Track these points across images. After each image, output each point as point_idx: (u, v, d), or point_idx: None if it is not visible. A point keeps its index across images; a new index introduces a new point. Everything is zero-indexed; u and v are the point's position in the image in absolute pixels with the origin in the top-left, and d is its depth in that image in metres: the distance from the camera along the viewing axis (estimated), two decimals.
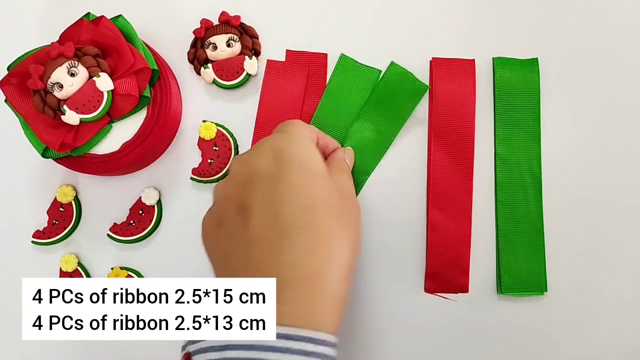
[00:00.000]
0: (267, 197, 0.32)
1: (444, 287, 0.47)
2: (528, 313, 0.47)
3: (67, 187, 0.49)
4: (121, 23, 0.46)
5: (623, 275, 0.47)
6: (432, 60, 0.49)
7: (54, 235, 0.48)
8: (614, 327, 0.47)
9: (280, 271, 0.30)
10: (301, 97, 0.49)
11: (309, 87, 0.49)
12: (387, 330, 0.47)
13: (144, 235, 0.48)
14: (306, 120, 0.48)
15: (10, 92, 0.44)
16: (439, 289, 0.47)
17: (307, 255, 0.30)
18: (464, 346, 0.47)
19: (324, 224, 0.32)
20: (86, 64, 0.44)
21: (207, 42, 0.49)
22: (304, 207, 0.32)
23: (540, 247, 0.47)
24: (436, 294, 0.47)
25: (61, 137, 0.44)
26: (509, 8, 0.50)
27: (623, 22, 0.50)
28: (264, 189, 0.33)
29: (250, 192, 0.33)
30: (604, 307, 0.47)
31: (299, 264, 0.30)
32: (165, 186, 0.49)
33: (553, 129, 0.48)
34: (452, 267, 0.47)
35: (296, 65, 0.49)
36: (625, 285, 0.47)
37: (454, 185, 0.47)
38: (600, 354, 0.47)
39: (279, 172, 0.33)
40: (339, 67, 0.49)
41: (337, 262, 0.32)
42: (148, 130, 0.46)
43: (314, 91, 0.49)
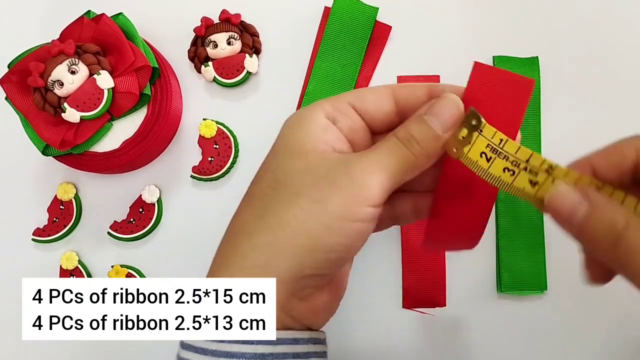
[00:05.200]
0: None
1: (421, 302, 0.47)
2: (528, 312, 0.47)
3: (67, 185, 0.49)
4: (122, 21, 0.46)
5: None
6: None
7: (54, 233, 0.48)
8: (613, 326, 0.47)
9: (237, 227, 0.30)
10: None
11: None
12: (388, 329, 0.47)
13: (144, 233, 0.48)
14: None
15: (11, 89, 0.44)
16: (416, 305, 0.47)
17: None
18: (463, 345, 0.47)
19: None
20: (87, 62, 0.44)
21: (208, 40, 0.49)
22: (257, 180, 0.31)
23: (541, 246, 0.47)
24: (414, 309, 0.47)
25: (61, 135, 0.44)
26: (510, 7, 0.50)
27: (623, 21, 0.49)
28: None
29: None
30: (603, 306, 0.47)
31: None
32: (166, 184, 0.49)
33: (553, 128, 0.48)
34: (428, 283, 0.47)
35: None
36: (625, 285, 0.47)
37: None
38: (600, 353, 0.47)
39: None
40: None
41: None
42: (148, 128, 0.46)
43: None
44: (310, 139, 0.30)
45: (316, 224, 0.28)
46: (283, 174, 0.30)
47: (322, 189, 0.28)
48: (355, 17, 0.49)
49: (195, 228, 0.49)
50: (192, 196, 0.49)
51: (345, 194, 0.28)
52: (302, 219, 0.28)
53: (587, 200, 0.27)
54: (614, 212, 0.26)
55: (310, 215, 0.28)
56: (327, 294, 0.32)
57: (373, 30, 0.49)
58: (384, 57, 0.50)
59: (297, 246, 0.28)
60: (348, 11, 0.49)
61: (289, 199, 0.29)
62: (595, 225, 0.26)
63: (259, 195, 0.30)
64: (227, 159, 0.48)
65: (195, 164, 0.48)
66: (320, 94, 0.49)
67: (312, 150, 0.29)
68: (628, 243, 0.26)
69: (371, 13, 0.49)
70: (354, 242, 0.29)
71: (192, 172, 0.48)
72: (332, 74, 0.49)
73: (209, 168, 0.48)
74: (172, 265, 0.49)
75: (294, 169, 0.29)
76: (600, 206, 0.27)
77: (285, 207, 0.29)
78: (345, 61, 0.49)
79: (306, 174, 0.29)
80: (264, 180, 0.30)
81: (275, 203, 0.29)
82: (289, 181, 0.29)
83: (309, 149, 0.29)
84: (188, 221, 0.49)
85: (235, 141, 0.49)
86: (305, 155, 0.29)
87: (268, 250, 0.28)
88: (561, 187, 0.27)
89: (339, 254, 0.29)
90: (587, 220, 0.26)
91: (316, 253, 0.28)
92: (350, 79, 0.49)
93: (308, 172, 0.29)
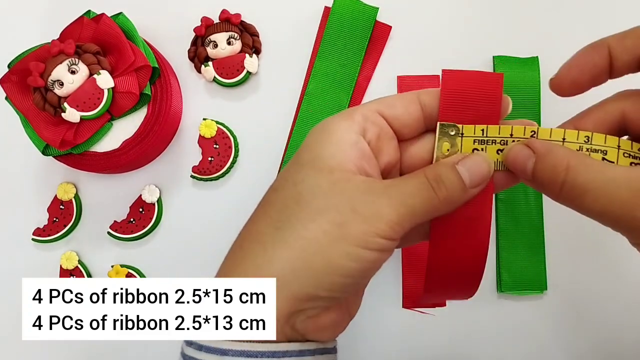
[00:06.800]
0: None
1: (421, 302, 0.47)
2: (527, 312, 0.47)
3: (67, 185, 0.49)
4: (122, 21, 0.46)
5: (623, 275, 0.47)
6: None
7: (54, 232, 0.49)
8: (613, 326, 0.47)
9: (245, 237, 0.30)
10: None
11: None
12: (388, 329, 0.47)
13: (144, 233, 0.48)
14: None
15: (11, 89, 0.44)
16: (416, 305, 0.47)
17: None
18: (463, 345, 0.47)
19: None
20: (87, 62, 0.44)
21: (208, 40, 0.49)
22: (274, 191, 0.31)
23: (540, 246, 0.47)
24: (414, 309, 0.47)
25: (61, 135, 0.44)
26: (510, 7, 0.50)
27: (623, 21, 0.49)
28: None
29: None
30: (603, 306, 0.47)
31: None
32: (166, 184, 0.49)
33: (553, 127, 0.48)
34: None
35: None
36: (625, 285, 0.47)
37: None
38: (599, 353, 0.47)
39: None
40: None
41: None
42: (148, 128, 0.46)
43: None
44: (338, 156, 0.29)
45: (335, 248, 0.28)
46: (306, 190, 0.29)
47: (344, 213, 0.28)
48: (355, 17, 0.49)
49: (195, 228, 0.49)
50: (192, 196, 0.49)
51: (367, 224, 0.28)
52: (321, 240, 0.28)
53: (534, 151, 0.28)
54: (555, 158, 0.28)
55: (330, 238, 0.28)
56: (335, 313, 0.31)
57: (373, 30, 0.49)
58: (384, 57, 0.50)
59: (314, 267, 0.28)
60: (348, 11, 0.49)
61: (310, 217, 0.28)
62: (542, 174, 0.28)
63: (278, 207, 0.30)
64: (227, 159, 0.48)
65: (195, 164, 0.48)
66: (320, 94, 0.49)
67: (338, 168, 0.29)
68: (571, 185, 0.27)
69: (371, 13, 0.49)
70: (369, 269, 0.29)
71: (192, 172, 0.48)
72: (332, 74, 0.49)
73: (209, 168, 0.48)
74: (172, 265, 0.49)
75: (318, 186, 0.29)
76: (543, 154, 0.28)
77: (304, 225, 0.28)
78: (345, 61, 0.49)
79: (331, 195, 0.28)
80: (285, 190, 0.30)
81: (295, 218, 0.28)
82: (311, 198, 0.28)
83: (335, 166, 0.29)
84: (188, 221, 0.49)
85: (235, 141, 0.49)
86: (331, 173, 0.29)
87: (284, 265, 0.28)
88: (515, 146, 0.29)
89: (355, 279, 0.29)
90: (535, 170, 0.28)
91: (332, 276, 0.28)
92: (350, 78, 0.49)
93: (333, 193, 0.28)
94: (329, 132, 0.30)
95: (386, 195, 0.28)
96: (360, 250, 0.28)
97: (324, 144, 0.30)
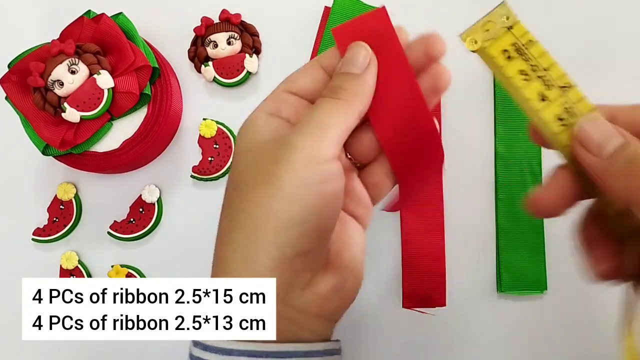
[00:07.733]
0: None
1: (421, 302, 0.47)
2: (528, 312, 0.47)
3: (67, 185, 0.49)
4: (122, 21, 0.46)
5: None
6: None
7: (55, 232, 0.49)
8: (614, 327, 0.47)
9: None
10: None
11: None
12: (388, 329, 0.47)
13: (144, 233, 0.48)
14: None
15: (11, 89, 0.44)
16: (416, 305, 0.47)
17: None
18: (463, 345, 0.47)
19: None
20: (87, 62, 0.44)
21: (208, 40, 0.49)
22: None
23: (540, 246, 0.47)
24: (414, 309, 0.47)
25: (61, 135, 0.44)
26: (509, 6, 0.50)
27: (623, 20, 0.49)
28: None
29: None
30: (603, 306, 0.47)
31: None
32: (166, 184, 0.49)
33: None
34: (427, 283, 0.47)
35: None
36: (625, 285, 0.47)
37: (424, 200, 0.48)
38: (600, 353, 0.47)
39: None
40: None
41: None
42: (148, 128, 0.46)
43: None
44: (254, 136, 0.31)
45: (277, 204, 0.28)
46: (237, 174, 0.31)
47: (270, 171, 0.29)
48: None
49: (195, 228, 0.49)
50: (192, 196, 0.49)
51: (295, 163, 0.28)
52: (262, 206, 0.28)
53: (622, 134, 0.28)
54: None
55: (269, 199, 0.28)
56: (331, 277, 0.31)
57: None
58: None
59: (267, 232, 0.28)
60: (348, 11, 0.49)
61: (247, 193, 0.29)
62: (627, 159, 0.27)
63: (226, 203, 0.31)
64: (227, 159, 0.48)
65: (195, 164, 0.48)
66: None
67: (255, 142, 0.31)
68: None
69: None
70: (320, 208, 0.29)
71: (192, 172, 0.48)
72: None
73: (209, 168, 0.48)
74: (172, 265, 0.48)
75: (243, 164, 0.30)
76: (634, 141, 0.27)
77: (245, 202, 0.29)
78: None
79: (254, 164, 0.30)
80: (228, 186, 0.32)
81: (238, 202, 0.30)
82: (242, 177, 0.30)
83: (252, 143, 0.31)
84: (188, 221, 0.49)
85: (235, 141, 0.49)
86: (249, 150, 0.31)
87: (243, 248, 0.29)
88: (598, 116, 0.28)
89: (311, 224, 0.29)
90: (620, 152, 0.27)
91: (288, 230, 0.28)
92: None
93: (255, 162, 0.30)
94: (245, 125, 0.32)
95: (301, 131, 0.29)
96: (300, 190, 0.28)
97: (243, 136, 0.31)
